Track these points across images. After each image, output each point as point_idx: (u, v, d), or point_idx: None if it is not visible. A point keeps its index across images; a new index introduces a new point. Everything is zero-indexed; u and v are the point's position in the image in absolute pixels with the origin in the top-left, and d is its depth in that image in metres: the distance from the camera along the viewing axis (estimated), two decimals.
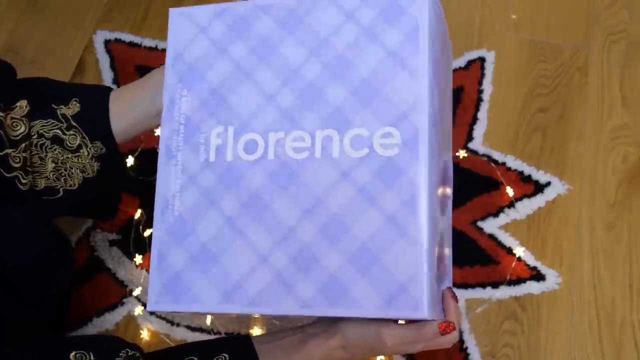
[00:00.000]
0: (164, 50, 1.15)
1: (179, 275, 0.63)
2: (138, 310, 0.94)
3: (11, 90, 0.72)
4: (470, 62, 1.11)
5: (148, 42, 1.16)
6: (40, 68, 1.13)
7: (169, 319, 0.94)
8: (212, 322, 0.93)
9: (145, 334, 0.92)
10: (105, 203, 0.88)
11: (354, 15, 0.61)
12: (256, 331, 0.91)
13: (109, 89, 0.76)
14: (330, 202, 0.59)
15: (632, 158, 1.01)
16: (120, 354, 0.64)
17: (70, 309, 0.94)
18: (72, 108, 0.73)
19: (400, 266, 0.57)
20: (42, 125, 0.72)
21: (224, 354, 0.65)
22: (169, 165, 0.65)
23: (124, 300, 0.95)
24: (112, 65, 1.14)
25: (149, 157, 1.03)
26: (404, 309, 0.56)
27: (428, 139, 0.57)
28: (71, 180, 0.74)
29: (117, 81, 1.12)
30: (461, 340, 0.90)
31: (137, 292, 0.95)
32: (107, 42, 1.16)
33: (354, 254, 0.58)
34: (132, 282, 0.96)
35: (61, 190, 0.74)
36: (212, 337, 0.90)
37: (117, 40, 1.16)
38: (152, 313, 0.94)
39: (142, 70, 1.12)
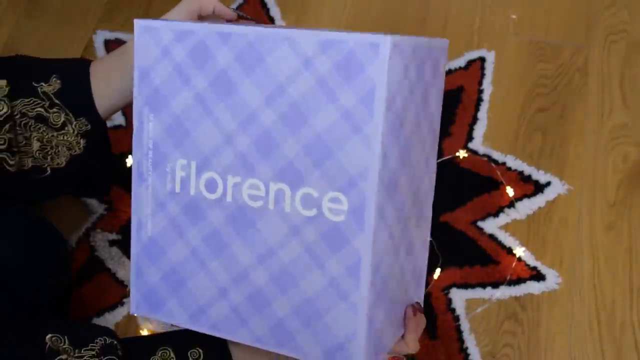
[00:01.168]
0: None
1: (155, 290, 0.66)
2: None
3: None
4: (470, 62, 1.11)
5: None
6: None
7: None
8: None
9: (145, 334, 0.92)
10: (98, 180, 0.87)
11: (313, 64, 0.56)
12: None
13: (88, 63, 0.73)
14: (281, 254, 0.60)
15: (632, 158, 1.01)
16: (96, 341, 0.65)
17: (70, 309, 0.94)
18: (53, 85, 0.71)
19: (340, 327, 0.58)
20: (25, 105, 0.70)
21: (198, 348, 0.66)
22: (141, 188, 0.65)
23: (124, 300, 0.95)
24: None
25: None
26: None
27: (376, 208, 0.56)
28: (58, 158, 0.72)
29: None
30: (461, 340, 0.90)
31: None
32: (107, 42, 1.16)
33: (300, 307, 0.60)
34: None
35: (48, 168, 0.72)
36: None
37: (117, 41, 1.16)
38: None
39: None
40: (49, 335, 0.63)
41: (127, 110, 1.08)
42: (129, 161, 1.01)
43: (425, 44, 0.60)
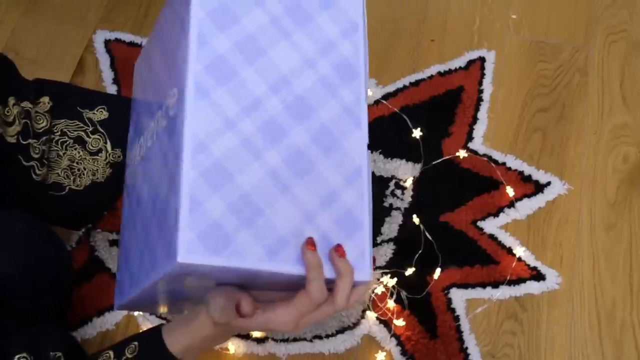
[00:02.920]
0: None
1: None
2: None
3: (6, 83, 0.73)
4: (470, 62, 1.11)
5: None
6: (41, 67, 1.13)
7: (169, 319, 0.94)
8: None
9: None
10: (95, 212, 0.91)
11: None
12: None
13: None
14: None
15: (632, 158, 1.01)
16: (50, 355, 0.66)
17: (71, 309, 0.94)
18: (98, 114, 0.79)
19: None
20: (67, 125, 0.77)
21: (134, 343, 0.66)
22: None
23: None
24: (112, 65, 1.14)
25: None
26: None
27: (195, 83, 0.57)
28: (80, 180, 0.78)
29: (117, 81, 1.12)
30: (461, 340, 0.90)
31: None
32: (107, 42, 1.16)
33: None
34: None
35: (67, 188, 0.78)
36: None
37: (117, 40, 1.16)
38: (151, 313, 0.94)
39: None
40: (17, 357, 0.64)
41: None
42: None
43: None
